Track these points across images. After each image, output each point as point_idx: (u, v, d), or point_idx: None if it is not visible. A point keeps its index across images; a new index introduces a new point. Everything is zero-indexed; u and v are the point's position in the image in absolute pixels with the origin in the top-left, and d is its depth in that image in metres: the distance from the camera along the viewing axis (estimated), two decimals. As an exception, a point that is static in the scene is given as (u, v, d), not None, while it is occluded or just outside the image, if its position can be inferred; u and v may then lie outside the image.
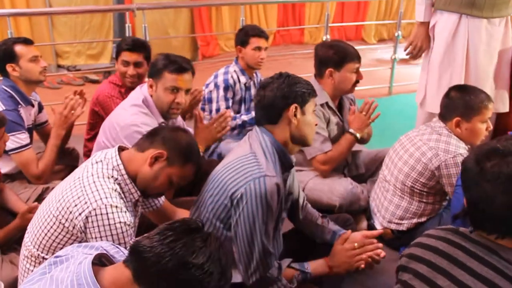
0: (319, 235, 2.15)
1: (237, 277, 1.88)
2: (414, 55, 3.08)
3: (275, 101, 1.86)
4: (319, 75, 2.74)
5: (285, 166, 1.90)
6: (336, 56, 2.66)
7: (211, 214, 1.84)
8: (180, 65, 2.33)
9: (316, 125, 1.99)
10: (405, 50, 3.14)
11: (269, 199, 1.73)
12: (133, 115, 2.32)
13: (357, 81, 2.72)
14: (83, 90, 2.81)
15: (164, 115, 2.40)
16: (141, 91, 2.40)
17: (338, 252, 1.99)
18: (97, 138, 2.46)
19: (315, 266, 1.96)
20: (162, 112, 2.38)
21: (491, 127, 2.47)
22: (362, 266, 1.97)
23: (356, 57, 2.69)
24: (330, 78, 2.69)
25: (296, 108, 1.86)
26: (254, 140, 1.88)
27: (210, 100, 3.22)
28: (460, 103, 2.36)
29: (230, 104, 3.23)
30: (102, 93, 2.91)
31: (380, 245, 2.02)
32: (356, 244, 1.97)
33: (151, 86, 2.36)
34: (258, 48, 3.24)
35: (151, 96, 2.37)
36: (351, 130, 2.68)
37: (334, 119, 2.75)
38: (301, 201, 2.18)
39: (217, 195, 1.82)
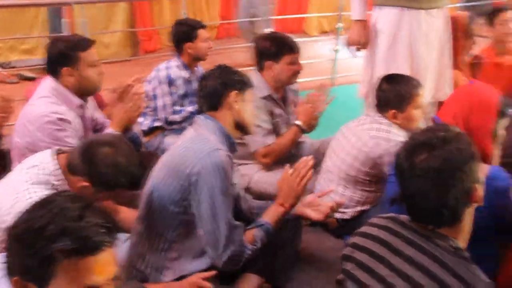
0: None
1: (198, 265, 1.90)
2: (357, 50, 3.12)
3: (216, 88, 1.99)
4: (259, 68, 2.77)
5: (229, 150, 1.98)
6: (273, 48, 2.71)
7: (164, 199, 1.86)
8: (87, 40, 2.34)
9: (256, 115, 2.14)
10: (347, 47, 3.16)
11: (226, 169, 1.82)
12: (42, 106, 2.26)
13: (297, 72, 2.75)
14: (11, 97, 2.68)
15: (90, 93, 2.42)
16: (47, 84, 2.33)
17: (280, 186, 2.01)
18: (12, 139, 2.37)
19: (267, 214, 1.99)
20: (91, 90, 2.39)
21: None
22: (321, 217, 2.00)
23: (294, 48, 2.73)
24: (270, 70, 2.72)
25: (236, 94, 2.00)
26: (199, 126, 1.97)
27: (155, 97, 3.17)
28: (392, 95, 2.42)
29: (176, 98, 3.19)
30: None
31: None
32: (290, 171, 1.99)
33: (70, 75, 2.29)
34: (206, 39, 3.23)
35: (74, 83, 2.31)
36: (297, 122, 2.71)
37: (277, 111, 2.78)
38: (241, 192, 2.23)
39: (171, 178, 1.86)
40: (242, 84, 2.04)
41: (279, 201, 1.99)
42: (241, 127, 2.06)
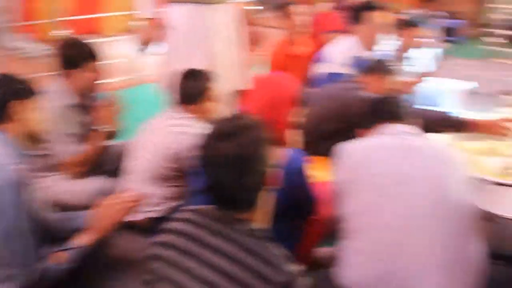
0: (71, 224, 2.08)
1: None
2: (144, 47, 3.20)
3: None
4: (62, 75, 2.67)
5: (22, 163, 1.86)
6: (75, 55, 2.64)
7: None
8: None
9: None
10: (138, 45, 3.21)
11: (19, 184, 1.73)
12: None
13: (100, 78, 2.72)
14: None
15: None
16: None
17: (94, 214, 1.97)
18: None
19: (79, 239, 1.91)
20: None
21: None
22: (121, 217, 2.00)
23: (94, 55, 2.70)
24: (72, 78, 2.65)
25: (20, 104, 1.89)
26: None
27: None
28: (188, 90, 2.50)
29: None
30: None
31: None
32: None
33: None
34: None
35: None
36: (100, 127, 2.68)
37: (82, 119, 2.71)
38: (41, 206, 2.07)
39: None
40: (26, 92, 1.93)
41: (93, 227, 1.94)
42: (32, 137, 1.96)
